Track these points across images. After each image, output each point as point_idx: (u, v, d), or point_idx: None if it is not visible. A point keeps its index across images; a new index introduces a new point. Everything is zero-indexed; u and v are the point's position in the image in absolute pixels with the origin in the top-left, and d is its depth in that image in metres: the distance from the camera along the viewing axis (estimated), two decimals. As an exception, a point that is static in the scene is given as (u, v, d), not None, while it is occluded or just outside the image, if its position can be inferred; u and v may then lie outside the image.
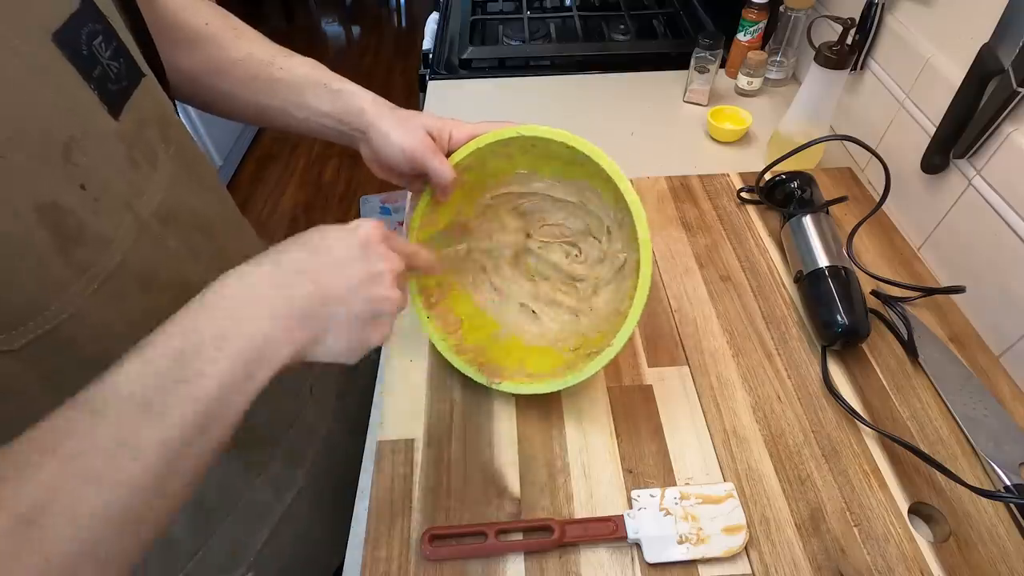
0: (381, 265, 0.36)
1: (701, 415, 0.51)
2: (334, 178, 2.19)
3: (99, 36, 0.33)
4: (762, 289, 0.61)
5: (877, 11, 0.70)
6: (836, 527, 0.44)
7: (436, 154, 0.46)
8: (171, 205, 0.38)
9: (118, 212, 0.34)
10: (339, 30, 3.17)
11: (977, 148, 0.55)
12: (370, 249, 0.36)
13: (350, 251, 0.35)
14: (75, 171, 0.30)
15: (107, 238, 0.33)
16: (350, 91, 0.48)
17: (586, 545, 0.44)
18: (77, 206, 0.31)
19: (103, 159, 0.33)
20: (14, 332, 0.29)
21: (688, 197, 0.72)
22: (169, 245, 0.38)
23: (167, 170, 0.38)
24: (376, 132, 0.47)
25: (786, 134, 0.74)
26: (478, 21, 1.09)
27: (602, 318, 0.52)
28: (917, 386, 0.53)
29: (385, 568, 0.43)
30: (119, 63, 0.34)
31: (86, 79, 0.31)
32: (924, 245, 0.64)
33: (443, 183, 0.47)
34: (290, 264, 0.33)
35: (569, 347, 0.53)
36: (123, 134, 0.34)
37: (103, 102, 0.33)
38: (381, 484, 0.47)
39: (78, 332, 0.32)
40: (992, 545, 0.43)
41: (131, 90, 0.35)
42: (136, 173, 0.35)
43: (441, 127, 0.48)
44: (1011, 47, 0.51)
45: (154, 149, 0.37)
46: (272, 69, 0.48)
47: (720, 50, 0.83)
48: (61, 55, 0.30)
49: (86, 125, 0.31)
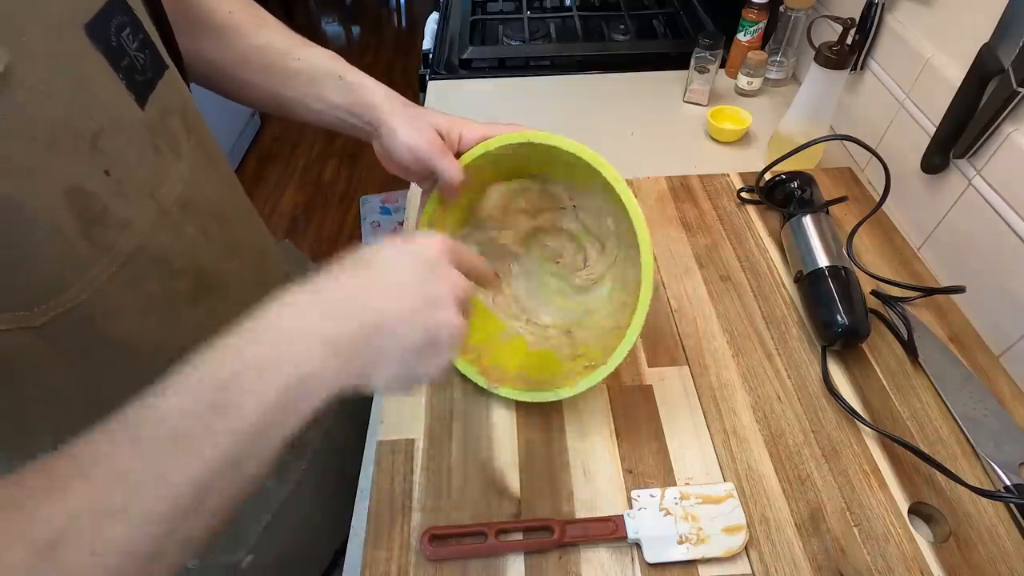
0: (443, 287, 0.32)
1: (701, 415, 0.51)
2: (334, 178, 2.19)
3: (127, 28, 0.33)
4: (762, 289, 0.61)
5: (877, 11, 0.70)
6: (836, 527, 0.44)
7: (445, 154, 0.45)
8: (191, 193, 0.39)
9: (140, 198, 0.34)
10: (339, 30, 3.17)
11: (977, 148, 0.55)
12: (432, 269, 0.33)
13: (409, 271, 0.32)
14: (101, 157, 0.31)
15: (128, 222, 0.33)
16: (364, 85, 0.48)
17: (586, 545, 0.44)
18: (102, 191, 0.31)
19: (128, 147, 0.33)
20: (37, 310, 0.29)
21: (688, 197, 0.72)
22: (186, 232, 0.39)
23: (189, 159, 0.39)
24: (386, 128, 0.46)
25: (786, 134, 0.74)
26: (478, 21, 1.09)
27: (605, 331, 0.52)
28: (917, 386, 0.53)
29: (385, 568, 0.43)
30: (145, 55, 0.35)
31: (115, 69, 0.32)
32: (924, 245, 0.64)
33: (451, 184, 0.46)
34: (341, 289, 0.31)
35: (570, 356, 0.52)
36: (148, 123, 0.35)
37: (130, 92, 0.33)
38: (381, 484, 0.47)
39: (96, 312, 0.32)
40: (992, 545, 0.43)
41: (156, 81, 0.36)
42: (159, 161, 0.36)
43: (451, 126, 0.47)
44: (1011, 47, 0.51)
45: (177, 139, 0.38)
46: (289, 59, 0.48)
47: (720, 50, 0.83)
48: (92, 46, 0.31)
49: (114, 114, 0.32)
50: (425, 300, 0.32)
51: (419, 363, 0.32)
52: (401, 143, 0.46)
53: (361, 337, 0.30)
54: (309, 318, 0.29)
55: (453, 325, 0.32)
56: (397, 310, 0.31)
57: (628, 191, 0.45)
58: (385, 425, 0.51)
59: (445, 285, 0.33)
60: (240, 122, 2.20)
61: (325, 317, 0.29)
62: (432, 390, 0.53)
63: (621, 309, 0.51)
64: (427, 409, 0.52)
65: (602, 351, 0.48)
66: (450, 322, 0.32)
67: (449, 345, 0.32)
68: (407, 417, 0.52)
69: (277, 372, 0.27)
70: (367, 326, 0.30)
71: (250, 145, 2.31)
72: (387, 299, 0.31)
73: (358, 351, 0.29)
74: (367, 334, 0.30)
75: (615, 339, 0.47)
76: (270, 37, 0.49)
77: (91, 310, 0.32)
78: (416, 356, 0.31)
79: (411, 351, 0.31)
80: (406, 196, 0.73)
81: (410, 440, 0.50)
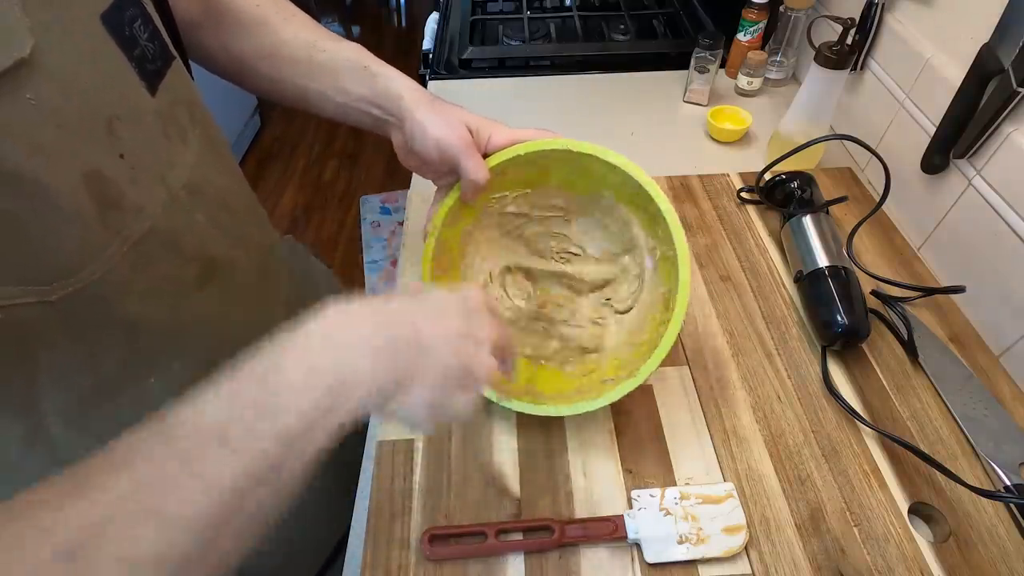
0: (483, 328, 0.34)
1: (701, 415, 0.51)
2: (334, 178, 2.19)
3: (138, 19, 0.35)
4: (762, 289, 0.61)
5: (877, 11, 0.70)
6: (836, 527, 0.44)
7: (473, 153, 0.45)
8: (198, 180, 0.39)
9: (151, 182, 0.35)
10: (339, 30, 3.17)
11: (977, 148, 0.55)
12: (475, 312, 0.34)
13: (453, 308, 0.34)
14: (116, 142, 0.32)
15: (140, 206, 0.34)
16: (390, 76, 0.48)
17: (586, 545, 0.44)
18: (117, 175, 0.33)
19: (141, 132, 0.35)
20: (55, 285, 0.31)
21: (688, 197, 0.72)
22: (196, 218, 0.39)
23: (195, 148, 0.40)
24: (412, 121, 0.46)
25: (786, 134, 0.74)
26: (478, 21, 1.09)
27: (620, 345, 0.51)
28: (917, 386, 0.53)
29: (385, 568, 0.43)
30: (154, 44, 0.36)
31: (129, 58, 0.34)
32: (924, 245, 0.64)
33: (476, 184, 0.46)
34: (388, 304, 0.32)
35: (581, 371, 0.52)
36: (159, 111, 0.36)
37: (142, 80, 0.35)
38: (381, 484, 0.47)
39: (108, 291, 0.33)
40: (992, 545, 0.43)
41: (164, 70, 0.37)
42: (169, 147, 0.37)
43: (481, 126, 0.47)
44: (1011, 47, 0.51)
45: (184, 127, 0.39)
46: (314, 52, 0.48)
47: (720, 50, 0.83)
48: (108, 35, 0.32)
49: (128, 100, 0.34)
50: (465, 333, 0.33)
51: (450, 392, 0.32)
52: (430, 136, 0.45)
53: (400, 346, 0.30)
54: (361, 327, 0.30)
55: (487, 363, 0.33)
56: (438, 333, 0.32)
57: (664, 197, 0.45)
58: (385, 425, 0.51)
59: (485, 327, 0.34)
60: (240, 122, 2.20)
61: (375, 328, 0.30)
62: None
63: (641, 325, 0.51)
64: (427, 409, 0.52)
65: (619, 365, 0.48)
66: (485, 360, 0.33)
67: (482, 381, 0.33)
68: (407, 417, 0.52)
69: (323, 375, 0.27)
70: (407, 338, 0.31)
71: (250, 145, 2.31)
72: (430, 322, 0.32)
73: (402, 359, 0.30)
74: (410, 346, 0.30)
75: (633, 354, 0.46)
76: (297, 31, 0.49)
77: (103, 289, 0.33)
78: (448, 385, 0.32)
79: (445, 376, 0.31)
80: (406, 196, 0.73)
81: (410, 440, 0.50)
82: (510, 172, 0.49)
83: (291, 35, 0.49)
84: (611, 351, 0.52)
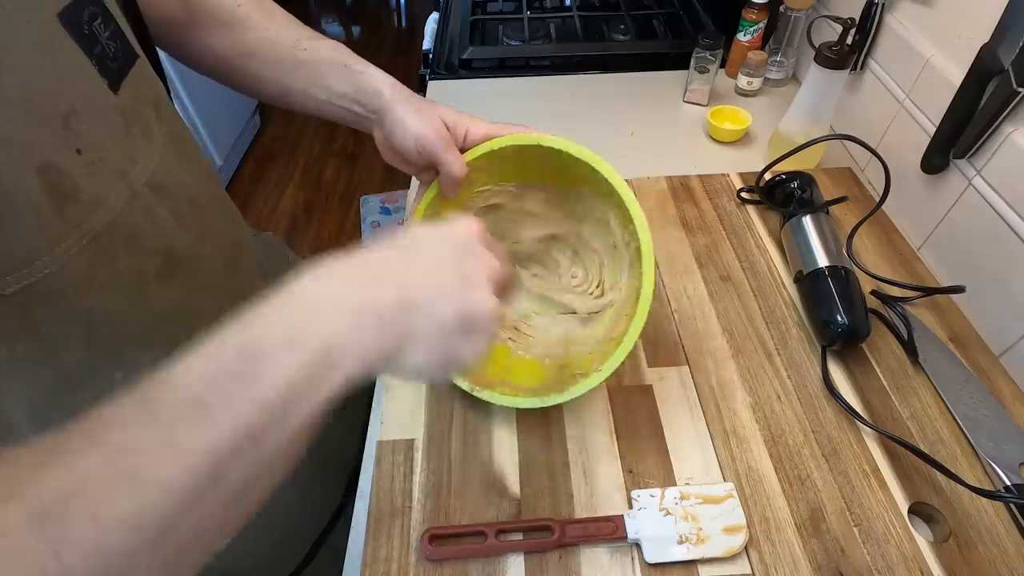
0: (478, 267, 0.32)
1: (701, 415, 0.51)
2: (334, 178, 2.19)
3: (98, 18, 0.35)
4: (762, 289, 0.61)
5: (877, 11, 0.70)
6: (836, 527, 0.44)
7: (450, 148, 0.45)
8: (162, 177, 0.40)
9: (112, 177, 0.36)
10: (339, 30, 3.17)
11: (977, 148, 0.55)
12: (467, 249, 0.32)
13: (444, 250, 0.32)
14: (72, 137, 0.33)
15: (100, 199, 0.35)
16: (370, 73, 0.48)
17: (586, 545, 0.44)
18: (73, 169, 0.33)
19: (101, 128, 0.35)
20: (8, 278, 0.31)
21: (688, 197, 0.72)
22: (159, 213, 0.40)
23: (160, 145, 0.40)
24: (391, 116, 0.46)
25: (786, 134, 0.74)
26: (478, 21, 1.09)
27: (595, 339, 0.52)
28: (917, 386, 0.53)
29: (385, 568, 0.43)
30: (116, 43, 0.37)
31: (88, 55, 0.34)
32: (924, 245, 0.64)
33: (453, 179, 0.46)
34: (375, 263, 0.30)
35: (556, 365, 0.52)
36: (121, 108, 0.37)
37: (103, 77, 0.35)
38: (381, 484, 0.47)
39: (65, 285, 0.34)
40: (992, 545, 0.43)
41: (127, 69, 0.38)
42: (132, 144, 0.37)
43: (458, 121, 0.47)
44: (1011, 47, 0.51)
45: (149, 125, 0.40)
46: (296, 50, 0.49)
47: (720, 50, 0.83)
48: (66, 33, 0.33)
49: (87, 96, 0.34)
50: (460, 278, 0.31)
51: (453, 346, 0.30)
52: (408, 132, 0.45)
53: (393, 310, 0.28)
54: (340, 288, 0.28)
55: (488, 306, 0.31)
56: (431, 286, 0.30)
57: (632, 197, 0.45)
58: (385, 425, 0.51)
59: (480, 265, 0.32)
60: (240, 122, 2.20)
61: (357, 288, 0.28)
62: (432, 390, 0.53)
63: (614, 320, 0.51)
64: (427, 409, 0.52)
65: (591, 359, 0.48)
66: (485, 303, 0.31)
67: (484, 328, 0.31)
68: (407, 417, 0.52)
69: (306, 341, 0.26)
70: (400, 300, 0.29)
71: (250, 145, 2.31)
72: (421, 275, 0.30)
73: (390, 324, 0.28)
74: (400, 308, 0.29)
75: (606, 348, 0.46)
76: (279, 29, 0.50)
77: (60, 282, 0.33)
78: (449, 338, 0.30)
79: (445, 332, 0.30)
80: (406, 196, 0.73)
81: (410, 440, 0.50)
82: (489, 167, 0.49)
83: (273, 34, 0.50)
84: (589, 345, 0.52)
